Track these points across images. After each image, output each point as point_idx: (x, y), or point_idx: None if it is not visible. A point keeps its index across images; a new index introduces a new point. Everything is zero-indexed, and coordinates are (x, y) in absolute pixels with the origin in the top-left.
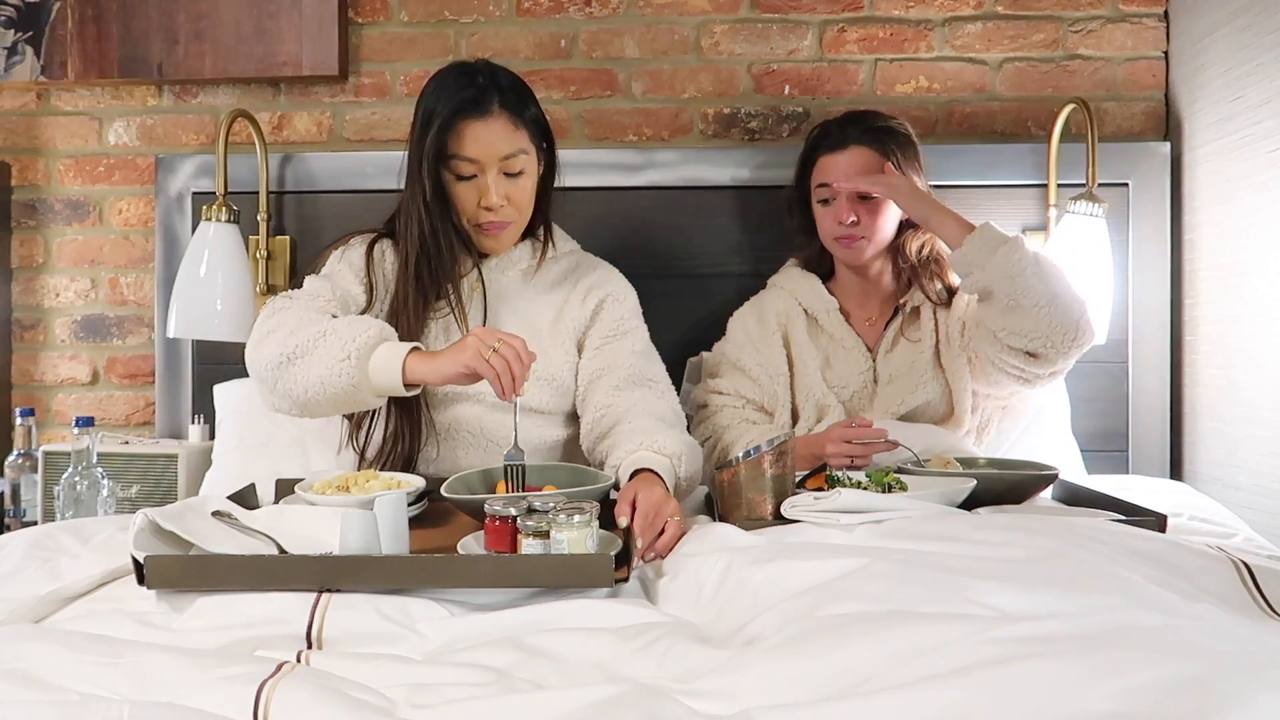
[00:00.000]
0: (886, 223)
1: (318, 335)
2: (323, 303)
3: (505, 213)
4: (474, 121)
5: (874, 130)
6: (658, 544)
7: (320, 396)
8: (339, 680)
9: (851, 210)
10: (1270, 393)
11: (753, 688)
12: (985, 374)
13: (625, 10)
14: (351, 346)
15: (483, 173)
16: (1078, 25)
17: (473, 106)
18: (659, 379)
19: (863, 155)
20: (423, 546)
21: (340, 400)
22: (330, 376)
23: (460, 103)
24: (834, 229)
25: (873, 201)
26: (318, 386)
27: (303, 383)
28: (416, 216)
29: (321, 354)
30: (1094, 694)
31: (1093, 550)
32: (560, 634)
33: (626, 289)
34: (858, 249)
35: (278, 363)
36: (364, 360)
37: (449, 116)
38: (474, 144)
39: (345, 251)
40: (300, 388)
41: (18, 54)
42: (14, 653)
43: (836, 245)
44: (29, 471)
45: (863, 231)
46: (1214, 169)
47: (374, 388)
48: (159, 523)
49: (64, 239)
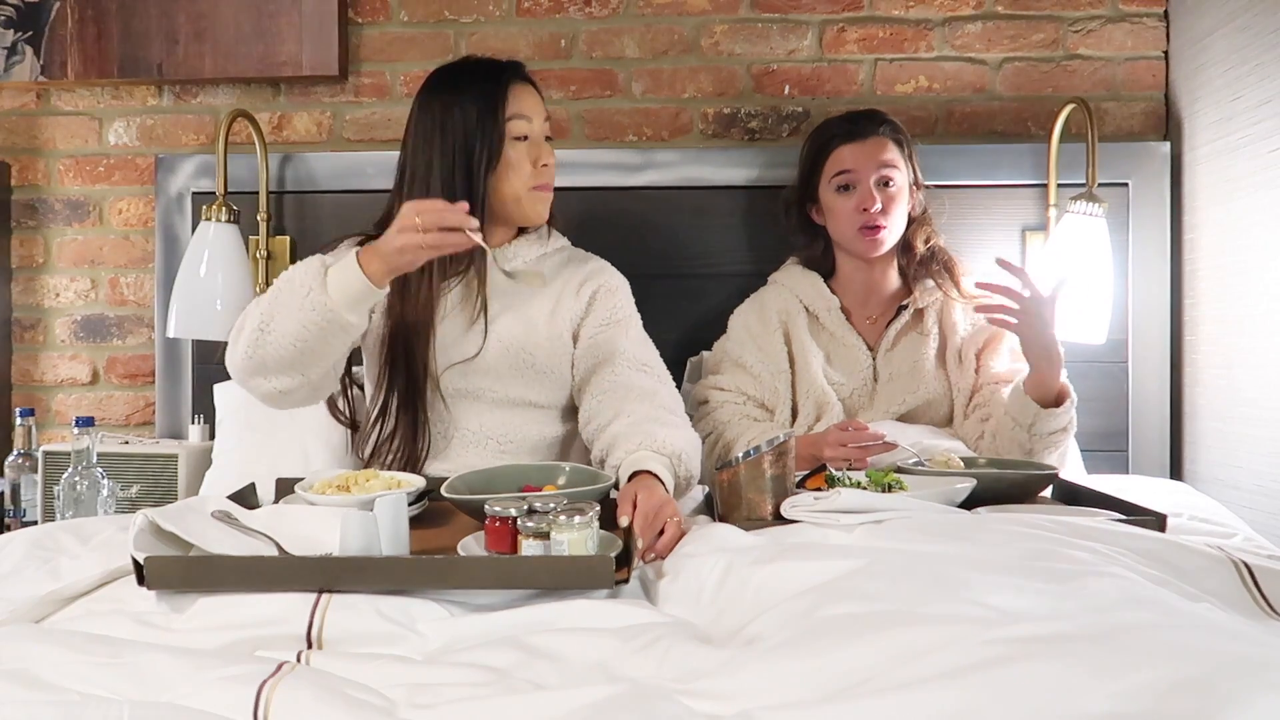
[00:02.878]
0: (902, 214)
1: (273, 297)
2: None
3: (550, 174)
4: (520, 85)
5: (891, 123)
6: (658, 544)
7: (306, 344)
8: (339, 680)
9: (875, 197)
10: (1270, 393)
11: (753, 688)
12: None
13: (625, 10)
14: (308, 281)
15: (533, 132)
16: (1078, 25)
17: (515, 72)
18: (654, 365)
19: (884, 144)
20: (423, 546)
21: (327, 336)
22: (304, 317)
23: (503, 73)
24: (856, 218)
25: (895, 190)
26: (298, 334)
27: (283, 342)
28: (453, 194)
29: (285, 306)
30: (1094, 694)
31: (1092, 550)
32: (560, 634)
33: (620, 280)
34: (880, 239)
35: (254, 340)
36: (323, 285)
37: (506, 82)
38: (524, 103)
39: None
40: (284, 348)
41: (18, 54)
42: (14, 653)
43: (858, 236)
44: (29, 471)
45: (884, 220)
46: (1214, 169)
47: (347, 302)
48: (159, 523)
49: (64, 239)
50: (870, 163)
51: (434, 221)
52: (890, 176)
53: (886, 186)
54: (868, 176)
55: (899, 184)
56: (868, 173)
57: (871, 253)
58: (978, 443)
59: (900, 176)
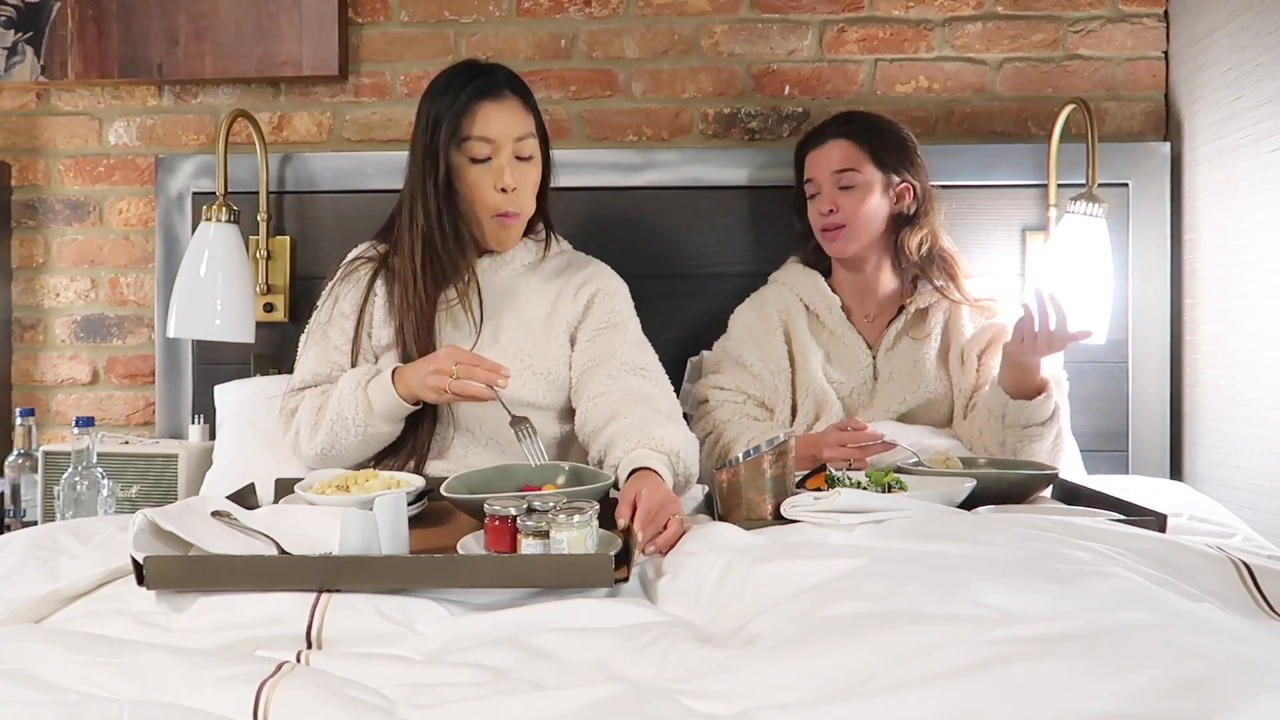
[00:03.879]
0: (868, 214)
1: (330, 428)
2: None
3: (517, 200)
4: (489, 103)
5: (851, 124)
6: (659, 540)
7: (364, 452)
8: (339, 680)
9: (831, 201)
10: (1270, 393)
11: (753, 688)
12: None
13: (625, 10)
14: (360, 419)
15: (497, 154)
16: (1078, 25)
17: (488, 89)
18: (652, 368)
19: (840, 147)
20: (423, 546)
21: (378, 442)
22: (359, 438)
23: (475, 87)
24: (819, 220)
25: (854, 192)
26: (359, 450)
27: (348, 457)
28: (424, 206)
29: (342, 436)
30: (1094, 694)
31: (1092, 550)
32: (560, 634)
33: (618, 283)
34: (840, 242)
35: (321, 455)
36: (370, 412)
37: (467, 99)
38: (490, 124)
39: (336, 304)
40: (349, 460)
41: (18, 54)
42: (14, 653)
43: (823, 238)
44: (29, 471)
45: (842, 219)
46: (1214, 169)
47: (387, 418)
48: (159, 523)
49: (64, 239)
50: (825, 168)
51: (465, 374)
52: (846, 180)
53: (845, 189)
54: (826, 182)
55: (859, 184)
56: (825, 179)
57: (836, 254)
58: (975, 442)
59: (861, 177)
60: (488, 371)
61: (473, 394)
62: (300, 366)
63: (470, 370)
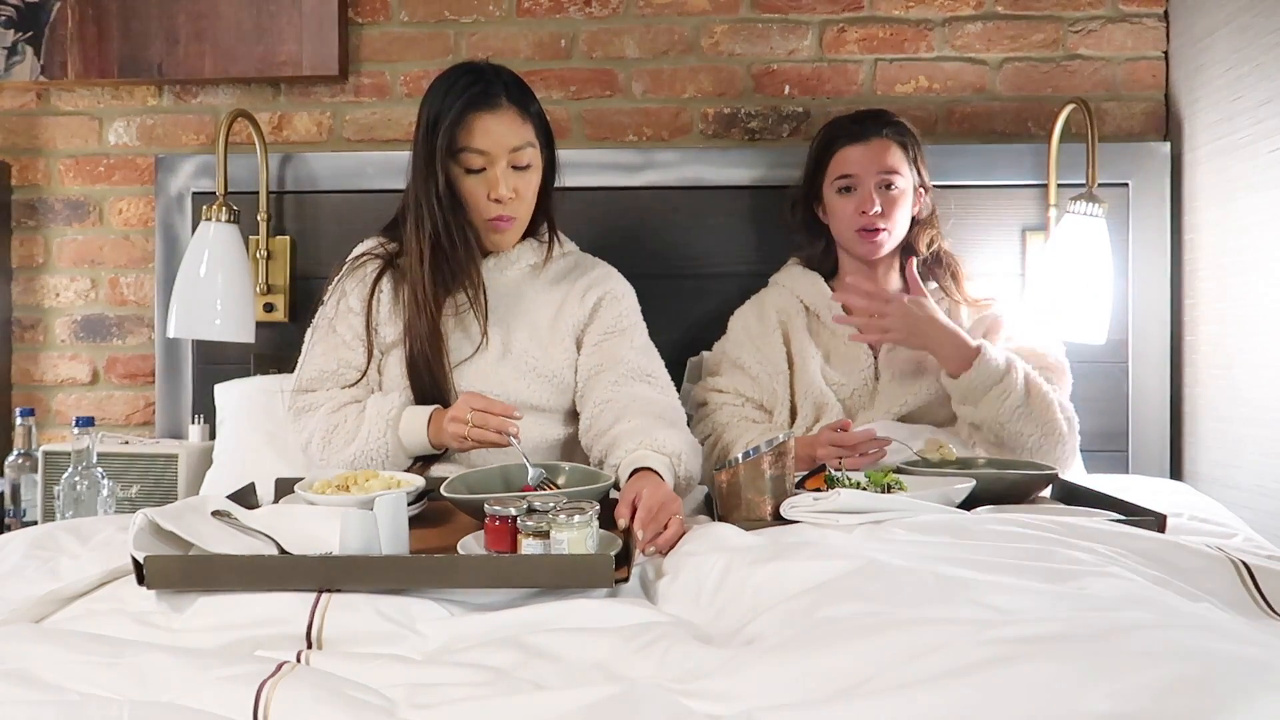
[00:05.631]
0: (904, 216)
1: (353, 462)
2: (342, 405)
3: (513, 207)
4: (484, 114)
5: (896, 125)
6: (659, 540)
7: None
8: (339, 680)
9: (875, 200)
10: (1270, 393)
11: (753, 688)
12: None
13: (625, 10)
14: (395, 457)
15: (492, 165)
16: (1078, 25)
17: (482, 99)
18: (658, 375)
19: (887, 147)
20: (423, 546)
21: (400, 464)
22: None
23: (470, 97)
24: (855, 219)
25: (896, 193)
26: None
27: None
28: (429, 212)
29: (368, 457)
30: (1093, 694)
31: (1092, 550)
32: (560, 634)
33: (625, 287)
34: (879, 242)
35: (351, 464)
36: (400, 448)
37: (460, 110)
38: (484, 136)
39: (343, 299)
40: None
41: (18, 54)
42: (14, 653)
43: (857, 238)
44: (29, 471)
45: (884, 223)
46: (1214, 169)
47: (416, 449)
48: (159, 523)
49: (64, 239)
50: (872, 165)
51: (481, 421)
52: (891, 180)
53: (888, 190)
54: (869, 179)
55: (901, 187)
56: (869, 175)
57: (871, 255)
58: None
59: (903, 180)
60: (499, 418)
61: (491, 441)
62: (307, 362)
63: (484, 418)
